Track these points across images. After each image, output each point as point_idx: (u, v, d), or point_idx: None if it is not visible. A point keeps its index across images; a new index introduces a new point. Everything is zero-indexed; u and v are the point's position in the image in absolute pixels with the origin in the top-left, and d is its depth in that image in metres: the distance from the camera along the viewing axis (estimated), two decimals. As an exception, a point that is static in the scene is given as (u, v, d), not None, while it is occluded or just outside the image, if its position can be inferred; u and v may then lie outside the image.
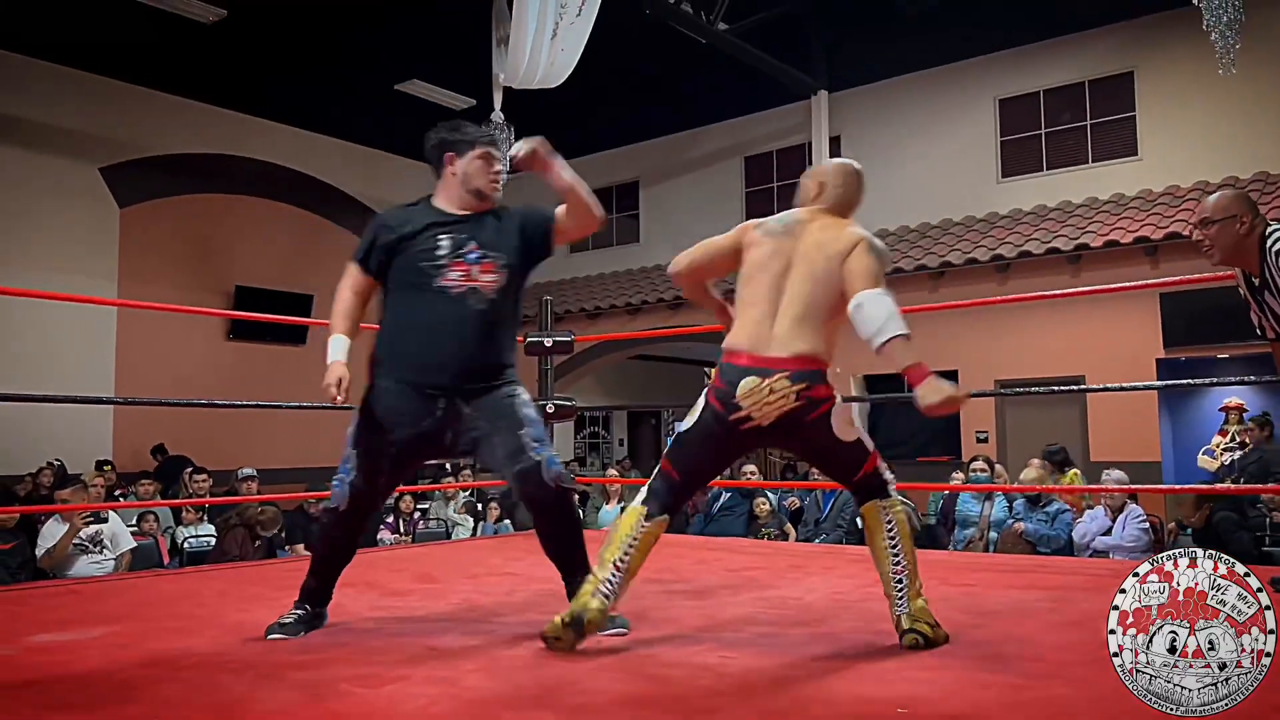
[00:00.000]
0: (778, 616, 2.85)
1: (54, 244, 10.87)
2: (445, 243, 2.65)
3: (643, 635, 2.58)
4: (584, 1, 7.10)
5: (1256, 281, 2.90)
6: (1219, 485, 7.01)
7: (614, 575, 2.40)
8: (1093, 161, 11.04)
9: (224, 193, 12.54)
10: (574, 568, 2.67)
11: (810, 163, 12.34)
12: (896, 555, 2.43)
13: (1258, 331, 3.07)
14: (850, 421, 2.53)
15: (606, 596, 2.39)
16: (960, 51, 11.62)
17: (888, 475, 2.53)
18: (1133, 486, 5.89)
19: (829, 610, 2.94)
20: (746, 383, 2.40)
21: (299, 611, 2.74)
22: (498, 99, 8.98)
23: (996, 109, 11.66)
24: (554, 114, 11.58)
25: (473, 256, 2.65)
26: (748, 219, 11.61)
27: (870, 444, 2.55)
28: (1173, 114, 10.50)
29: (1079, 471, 7.69)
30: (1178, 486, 5.46)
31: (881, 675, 2.11)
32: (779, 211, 2.59)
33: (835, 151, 12.51)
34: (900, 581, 2.41)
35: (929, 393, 2.31)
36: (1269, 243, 2.81)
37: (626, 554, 2.43)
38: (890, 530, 2.46)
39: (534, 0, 7.06)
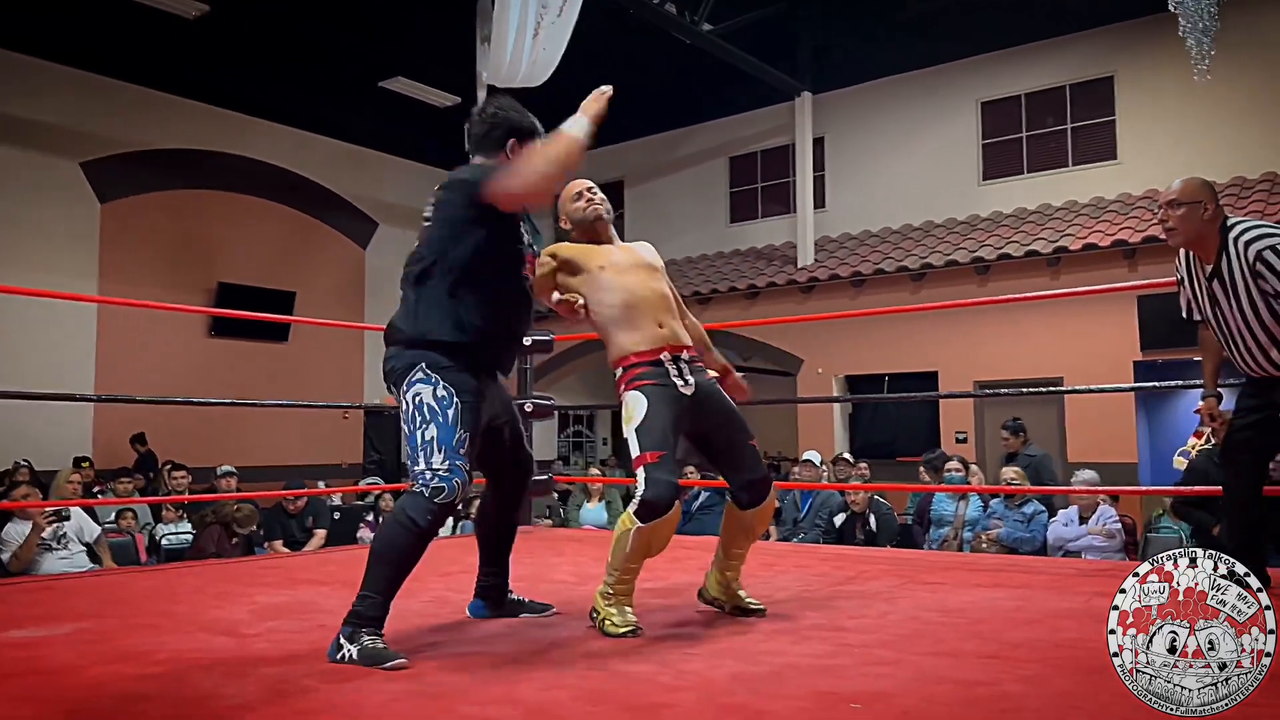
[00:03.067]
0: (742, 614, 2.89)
1: (33, 240, 10.81)
2: (525, 233, 2.69)
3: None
4: (565, 1, 7.12)
5: (1208, 269, 2.99)
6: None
7: None
8: (1073, 165, 11.14)
9: (206, 188, 12.49)
10: (507, 549, 2.90)
11: (794, 163, 12.44)
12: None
13: (1183, 314, 3.19)
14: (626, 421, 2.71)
15: None
16: (943, 54, 11.69)
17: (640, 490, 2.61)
18: (1101, 488, 5.96)
19: (794, 607, 2.97)
20: None
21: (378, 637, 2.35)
22: (482, 97, 9.00)
23: (978, 112, 11.74)
24: (538, 113, 11.58)
25: (534, 250, 2.73)
26: (732, 219, 11.84)
27: (635, 449, 2.67)
28: (1152, 118, 10.60)
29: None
30: (1149, 489, 5.52)
31: (839, 671, 2.15)
32: (763, 211, 2.60)
33: (819, 152, 12.58)
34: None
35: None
36: (1235, 234, 2.91)
37: None
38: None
39: (516, -1, 7.08)
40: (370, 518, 8.00)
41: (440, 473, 2.37)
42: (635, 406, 2.65)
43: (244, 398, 10.72)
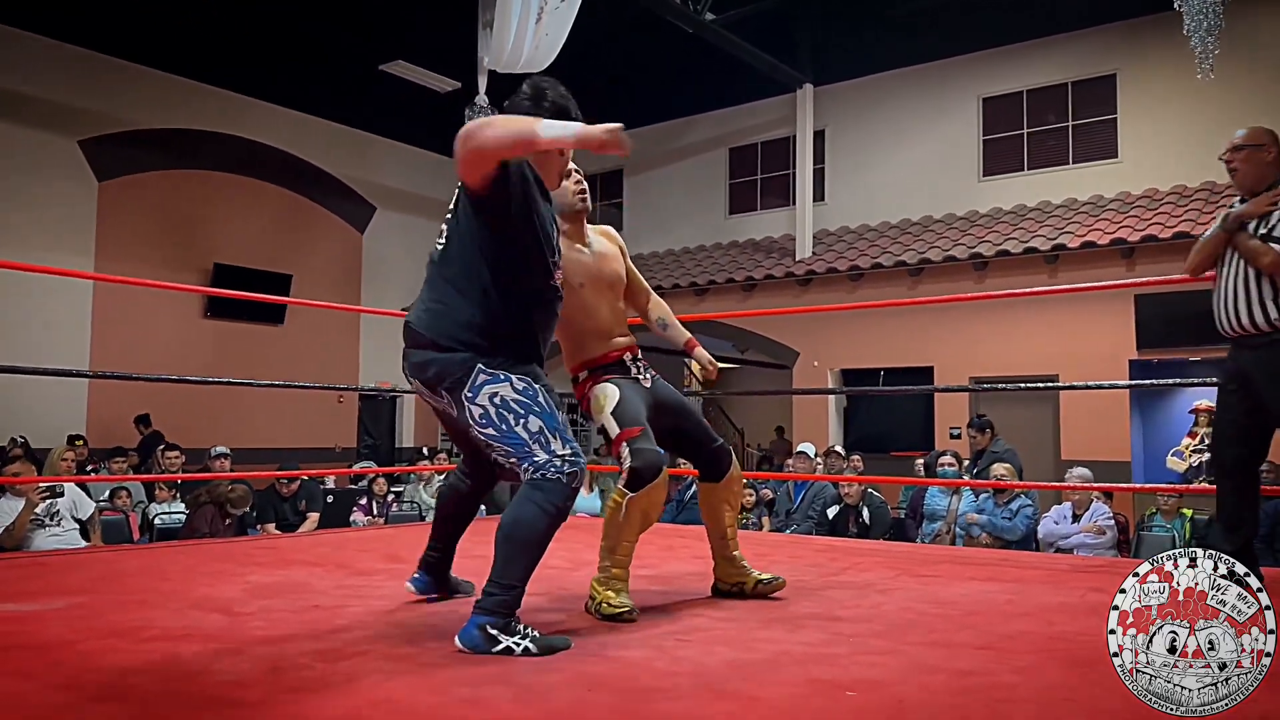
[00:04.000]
0: (737, 603, 2.89)
1: (30, 217, 10.76)
2: (558, 238, 2.58)
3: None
4: (569, -13, 7.09)
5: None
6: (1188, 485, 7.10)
7: None
8: (1073, 162, 11.13)
9: (204, 169, 12.44)
10: (461, 533, 2.93)
11: (794, 156, 12.41)
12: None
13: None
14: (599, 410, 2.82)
15: None
16: (945, 49, 11.67)
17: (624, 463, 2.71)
18: (1095, 485, 5.97)
19: (789, 596, 2.97)
20: None
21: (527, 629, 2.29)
22: (483, 83, 8.95)
23: (980, 108, 11.72)
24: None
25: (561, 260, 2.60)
26: (731, 210, 11.78)
27: (614, 429, 2.77)
28: (1153, 117, 10.59)
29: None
30: (1142, 486, 5.53)
31: (834, 660, 2.15)
32: (762, 203, 2.62)
33: (819, 145, 12.56)
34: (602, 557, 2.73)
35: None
36: None
37: None
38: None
39: (519, -16, 7.04)
40: (364, 501, 7.99)
41: (568, 458, 2.35)
42: (608, 395, 2.79)
43: (239, 379, 10.69)
